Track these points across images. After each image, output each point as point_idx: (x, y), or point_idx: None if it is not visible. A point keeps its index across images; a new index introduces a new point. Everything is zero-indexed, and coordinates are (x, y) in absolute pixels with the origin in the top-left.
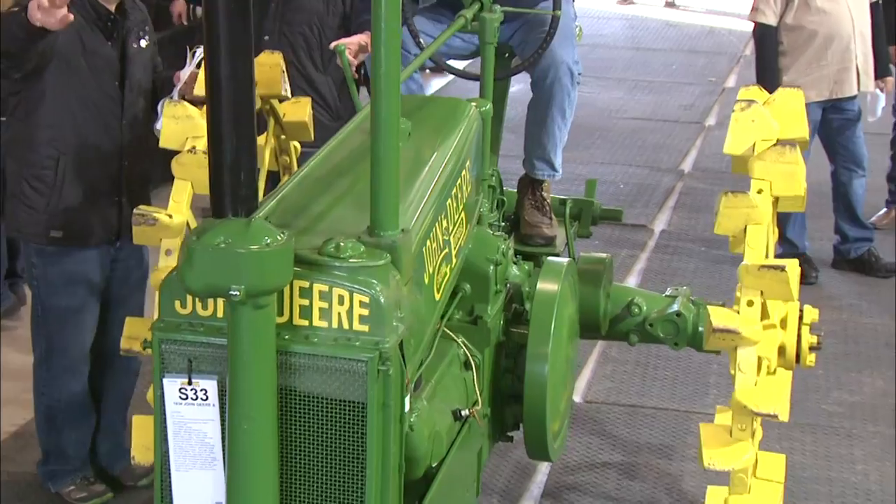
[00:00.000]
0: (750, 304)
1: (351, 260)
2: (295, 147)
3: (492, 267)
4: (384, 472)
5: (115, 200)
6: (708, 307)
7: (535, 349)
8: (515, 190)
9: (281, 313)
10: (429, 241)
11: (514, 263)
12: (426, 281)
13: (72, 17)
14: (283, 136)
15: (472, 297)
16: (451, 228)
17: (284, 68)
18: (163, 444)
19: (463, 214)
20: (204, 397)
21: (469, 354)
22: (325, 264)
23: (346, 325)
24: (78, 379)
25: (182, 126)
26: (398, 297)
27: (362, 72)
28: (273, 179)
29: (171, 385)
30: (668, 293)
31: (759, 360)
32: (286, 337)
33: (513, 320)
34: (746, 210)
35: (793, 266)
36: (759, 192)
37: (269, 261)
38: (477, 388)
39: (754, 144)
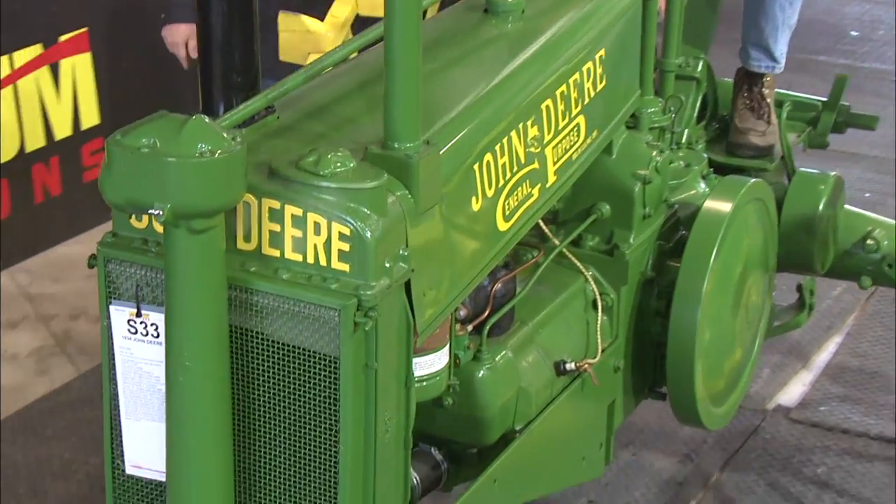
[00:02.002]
0: None
1: (333, 178)
2: None
3: (638, 185)
4: (366, 446)
5: None
6: None
7: (685, 285)
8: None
9: (248, 239)
10: (489, 156)
11: (703, 178)
12: (476, 206)
13: None
14: None
15: (611, 222)
16: (546, 138)
17: None
18: (111, 384)
19: (582, 119)
20: (155, 334)
21: (598, 292)
22: (302, 182)
23: (322, 261)
24: None
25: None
26: (400, 229)
27: None
28: None
29: (119, 314)
30: None
31: None
32: (252, 269)
33: (673, 251)
34: None
35: None
36: None
37: (202, 174)
38: (599, 335)
39: None
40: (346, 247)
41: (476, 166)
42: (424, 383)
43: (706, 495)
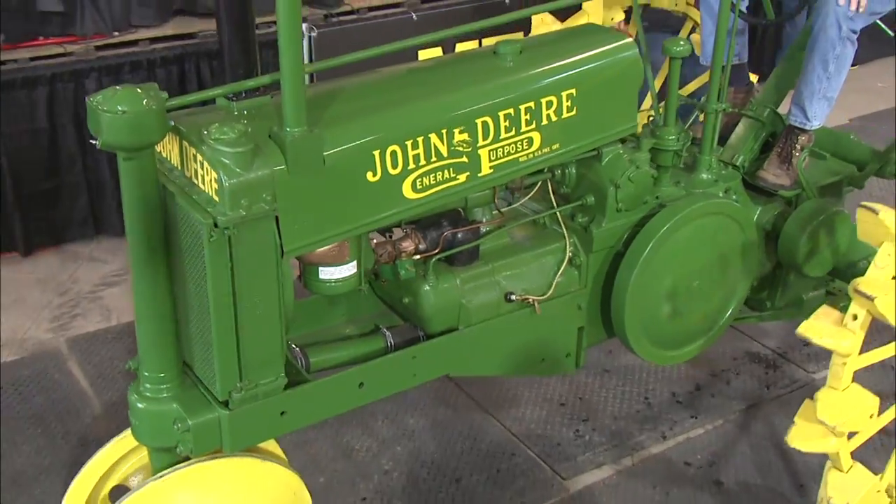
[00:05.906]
0: (854, 318)
1: (218, 142)
2: None
3: (611, 188)
4: (230, 315)
5: None
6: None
7: (627, 259)
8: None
9: (188, 170)
10: (395, 146)
11: (725, 192)
12: (373, 178)
13: None
14: None
15: (593, 209)
16: (481, 143)
17: None
18: None
19: (536, 135)
20: None
21: (571, 253)
22: (203, 141)
23: (210, 193)
24: None
25: None
26: (267, 184)
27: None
28: None
29: None
30: None
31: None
32: (185, 189)
33: None
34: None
35: None
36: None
37: (115, 124)
38: (556, 280)
39: None
40: (216, 186)
41: (376, 151)
42: (332, 284)
43: None
